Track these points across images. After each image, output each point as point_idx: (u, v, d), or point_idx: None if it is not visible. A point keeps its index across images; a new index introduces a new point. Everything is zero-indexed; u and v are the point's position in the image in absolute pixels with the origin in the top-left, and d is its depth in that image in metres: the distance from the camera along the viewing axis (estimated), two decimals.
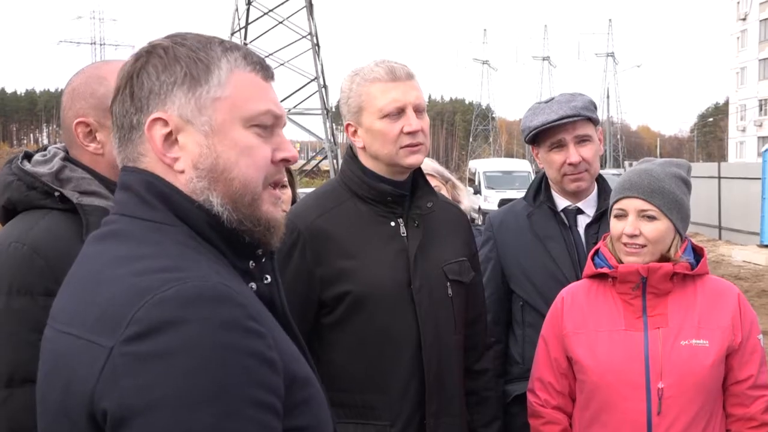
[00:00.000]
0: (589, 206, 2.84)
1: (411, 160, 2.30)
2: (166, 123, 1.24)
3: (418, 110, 2.29)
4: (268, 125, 1.30)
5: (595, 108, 2.82)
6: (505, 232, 2.88)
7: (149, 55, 1.27)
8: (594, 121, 2.80)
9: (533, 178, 3.02)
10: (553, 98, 2.83)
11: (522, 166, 32.42)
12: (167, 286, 1.09)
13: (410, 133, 2.26)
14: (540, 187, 2.90)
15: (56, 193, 1.87)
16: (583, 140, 2.75)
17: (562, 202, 2.85)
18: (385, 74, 2.28)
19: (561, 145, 2.75)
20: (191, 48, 1.27)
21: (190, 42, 1.28)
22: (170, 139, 1.25)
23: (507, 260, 2.83)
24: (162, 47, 1.27)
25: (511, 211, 2.97)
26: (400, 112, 2.27)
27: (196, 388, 1.03)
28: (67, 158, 1.96)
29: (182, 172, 1.25)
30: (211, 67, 1.26)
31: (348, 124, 2.38)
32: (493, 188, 29.21)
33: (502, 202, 28.36)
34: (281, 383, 1.14)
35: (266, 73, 1.33)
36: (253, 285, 1.31)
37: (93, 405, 1.06)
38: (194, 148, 1.25)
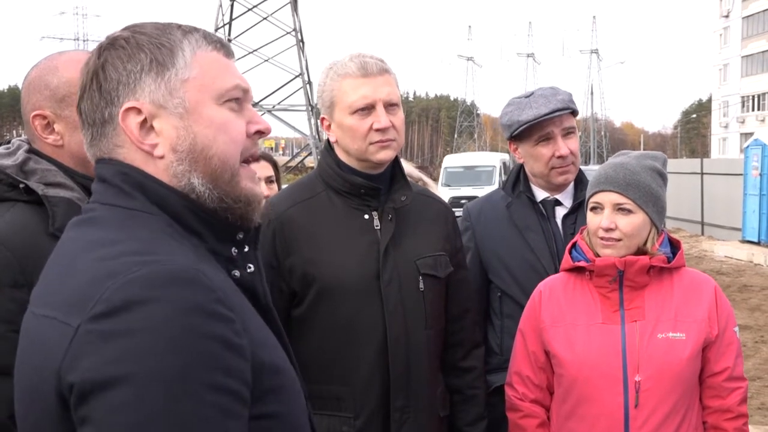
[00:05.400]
0: (566, 198, 2.85)
1: (381, 155, 2.30)
2: (139, 111, 1.25)
3: (389, 105, 2.29)
4: (239, 99, 1.32)
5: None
6: (483, 222, 2.88)
7: (111, 47, 1.27)
8: (575, 114, 2.84)
9: (500, 171, 3.05)
10: (533, 93, 2.83)
11: (488, 160, 29.33)
12: (136, 267, 1.10)
13: (380, 130, 2.26)
14: (518, 178, 2.91)
15: (21, 185, 1.85)
16: (569, 132, 2.78)
17: (540, 194, 2.85)
18: (356, 69, 2.28)
19: (549, 138, 2.75)
20: (151, 35, 1.28)
21: (149, 29, 1.29)
22: (146, 126, 1.26)
23: (485, 250, 2.82)
24: (123, 38, 1.28)
25: (488, 201, 2.99)
26: (370, 108, 2.27)
27: (155, 368, 1.05)
28: (32, 150, 1.94)
29: (162, 157, 1.26)
30: (175, 50, 1.27)
31: (323, 118, 2.40)
32: (449, 185, 26.43)
33: (452, 201, 25.16)
34: (248, 369, 1.14)
35: (227, 50, 1.35)
36: (237, 272, 1.31)
37: (60, 382, 1.08)
38: (171, 131, 1.26)
